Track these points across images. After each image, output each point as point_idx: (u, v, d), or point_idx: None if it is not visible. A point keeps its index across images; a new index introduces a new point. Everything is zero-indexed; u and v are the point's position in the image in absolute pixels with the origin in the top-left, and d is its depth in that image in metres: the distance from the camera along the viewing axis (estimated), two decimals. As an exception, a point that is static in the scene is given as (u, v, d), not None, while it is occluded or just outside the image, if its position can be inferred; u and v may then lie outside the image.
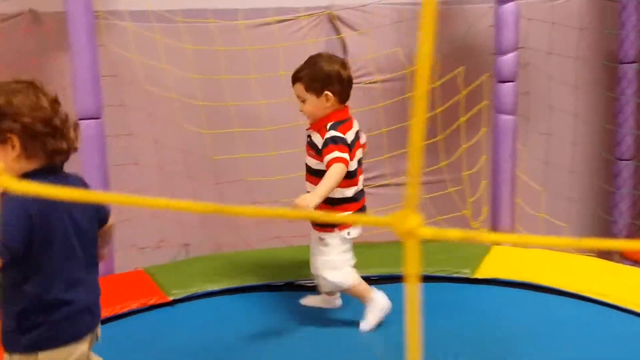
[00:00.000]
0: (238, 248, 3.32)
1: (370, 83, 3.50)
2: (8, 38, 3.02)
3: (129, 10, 3.22)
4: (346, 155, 2.33)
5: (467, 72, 3.52)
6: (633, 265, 3.26)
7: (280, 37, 3.37)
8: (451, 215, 3.60)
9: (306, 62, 2.45)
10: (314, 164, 2.44)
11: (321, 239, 2.45)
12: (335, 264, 2.46)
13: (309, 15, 3.46)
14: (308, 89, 2.41)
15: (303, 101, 2.44)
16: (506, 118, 3.34)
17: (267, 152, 3.35)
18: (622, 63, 3.57)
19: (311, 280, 2.66)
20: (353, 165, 2.42)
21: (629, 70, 3.57)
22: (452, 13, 3.60)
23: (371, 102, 3.49)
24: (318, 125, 2.44)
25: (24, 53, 3.09)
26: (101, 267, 2.89)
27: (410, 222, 0.47)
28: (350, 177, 2.40)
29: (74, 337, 1.65)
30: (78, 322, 1.66)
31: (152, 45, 3.23)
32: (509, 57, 3.28)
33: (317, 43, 3.47)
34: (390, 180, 3.60)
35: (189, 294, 2.77)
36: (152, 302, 2.70)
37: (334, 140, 2.36)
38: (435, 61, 3.46)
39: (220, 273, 2.92)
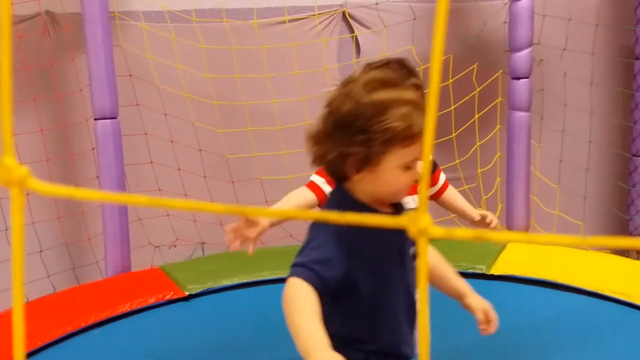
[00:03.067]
0: (253, 246, 3.34)
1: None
2: (25, 39, 3.06)
3: (143, 10, 3.25)
4: None
5: (482, 69, 3.51)
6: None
7: (294, 36, 3.39)
8: (466, 212, 3.59)
9: None
10: None
11: None
12: None
13: (323, 13, 3.48)
14: None
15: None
16: (520, 115, 3.33)
17: (280, 150, 3.37)
18: (637, 59, 3.55)
19: None
20: None
21: (645, 66, 3.54)
22: (466, 10, 3.60)
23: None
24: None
25: (41, 54, 3.13)
26: (117, 266, 2.97)
27: (422, 222, 0.49)
28: None
29: None
30: None
31: (166, 45, 3.26)
32: (523, 53, 3.27)
33: (330, 41, 3.48)
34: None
35: (205, 289, 2.80)
36: (168, 297, 2.74)
37: None
38: (448, 58, 3.45)
39: (235, 269, 2.94)
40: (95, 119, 2.96)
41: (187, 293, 2.76)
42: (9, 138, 0.45)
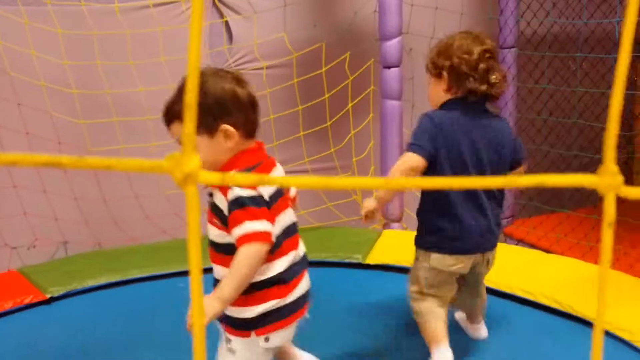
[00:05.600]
0: (121, 244, 3.16)
1: (255, 69, 3.42)
2: None
3: (-9, -9, 2.98)
4: (262, 225, 1.52)
5: (354, 58, 3.51)
6: (517, 244, 3.37)
7: (160, 22, 3.23)
8: (342, 201, 3.59)
9: (180, 89, 1.64)
10: (219, 235, 1.60)
11: (228, 340, 1.67)
12: None
13: (190, -1, 3.33)
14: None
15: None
16: (392, 103, 3.36)
17: (148, 142, 3.20)
18: (502, 48, 3.67)
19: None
20: (275, 233, 1.57)
21: (508, 55, 3.68)
22: (337, -1, 3.58)
23: (257, 89, 3.40)
24: None
25: None
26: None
27: (188, 165, 0.40)
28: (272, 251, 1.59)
29: (460, 250, 1.95)
30: (464, 239, 1.95)
31: (19, 29, 3.00)
32: (393, 42, 3.29)
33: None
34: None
35: (68, 290, 2.62)
36: (27, 301, 2.55)
37: (240, 202, 1.52)
38: (321, 47, 3.42)
39: (102, 268, 2.78)
40: None
41: (48, 296, 2.59)
42: None
